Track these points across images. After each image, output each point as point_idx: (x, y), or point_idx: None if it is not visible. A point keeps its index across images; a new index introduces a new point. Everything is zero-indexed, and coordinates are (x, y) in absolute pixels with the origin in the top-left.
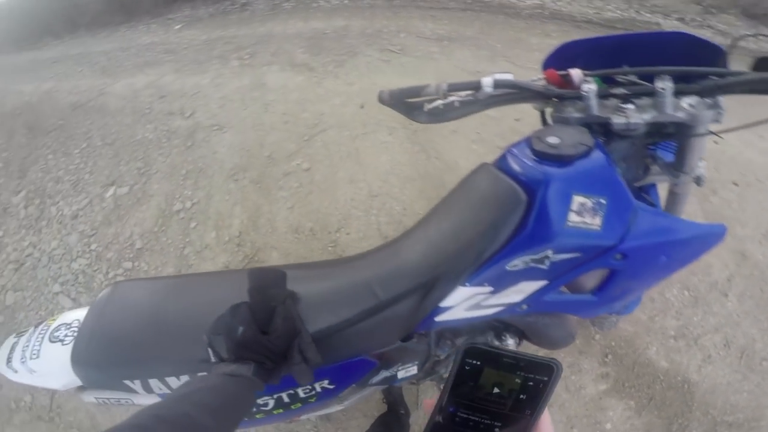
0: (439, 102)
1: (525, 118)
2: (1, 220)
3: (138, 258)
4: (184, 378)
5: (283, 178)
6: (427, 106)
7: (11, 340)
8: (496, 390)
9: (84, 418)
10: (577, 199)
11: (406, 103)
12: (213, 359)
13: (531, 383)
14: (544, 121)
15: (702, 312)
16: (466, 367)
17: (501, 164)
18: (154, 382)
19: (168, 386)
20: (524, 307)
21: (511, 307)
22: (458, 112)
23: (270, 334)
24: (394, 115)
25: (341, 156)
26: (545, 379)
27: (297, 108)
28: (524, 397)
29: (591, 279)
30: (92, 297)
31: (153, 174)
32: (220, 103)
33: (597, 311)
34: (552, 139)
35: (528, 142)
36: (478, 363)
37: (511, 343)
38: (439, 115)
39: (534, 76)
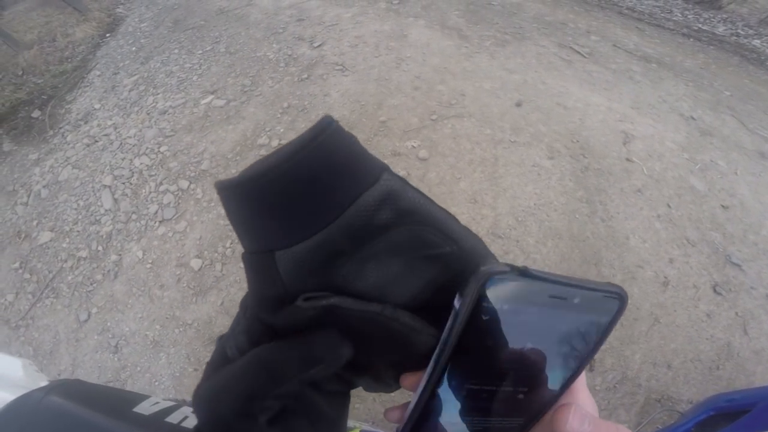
0: None
1: (734, 208)
2: (105, 95)
3: (197, 180)
4: None
5: (391, 158)
6: None
7: None
8: (530, 345)
9: (48, 339)
10: None
11: None
12: None
13: (584, 328)
14: None
15: None
16: (484, 317)
17: None
18: None
19: None
20: None
21: None
22: None
23: None
24: (562, 132)
25: (472, 160)
26: (604, 319)
27: (434, 76)
28: (568, 349)
29: None
30: (136, 204)
31: (255, 96)
32: (353, 42)
33: None
34: None
35: None
36: (507, 307)
37: None
38: None
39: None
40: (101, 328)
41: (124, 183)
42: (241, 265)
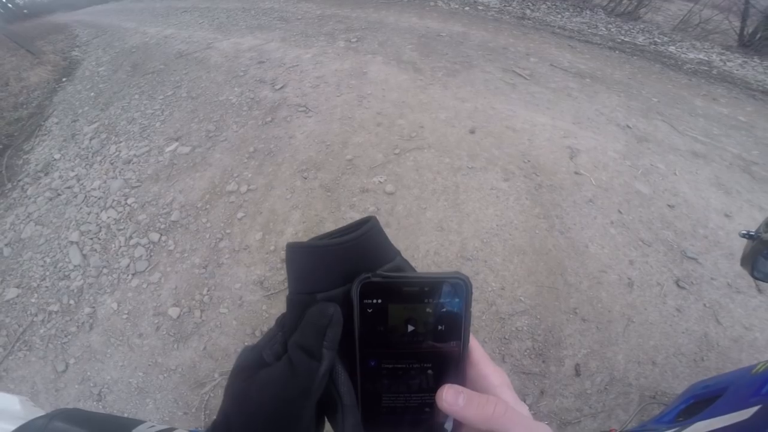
0: None
1: (680, 206)
2: (65, 144)
3: (168, 231)
4: None
5: (359, 195)
6: None
7: None
8: (410, 328)
9: (25, 390)
10: None
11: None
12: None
13: (444, 309)
14: None
15: None
16: (369, 310)
17: None
18: None
19: None
20: None
21: None
22: None
23: None
24: (513, 153)
25: (435, 189)
26: (457, 300)
27: (394, 111)
28: (443, 327)
29: None
30: (106, 259)
31: (220, 141)
32: (314, 83)
33: None
34: None
35: None
36: (380, 301)
37: None
38: None
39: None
40: (81, 378)
41: (92, 239)
42: (221, 310)
